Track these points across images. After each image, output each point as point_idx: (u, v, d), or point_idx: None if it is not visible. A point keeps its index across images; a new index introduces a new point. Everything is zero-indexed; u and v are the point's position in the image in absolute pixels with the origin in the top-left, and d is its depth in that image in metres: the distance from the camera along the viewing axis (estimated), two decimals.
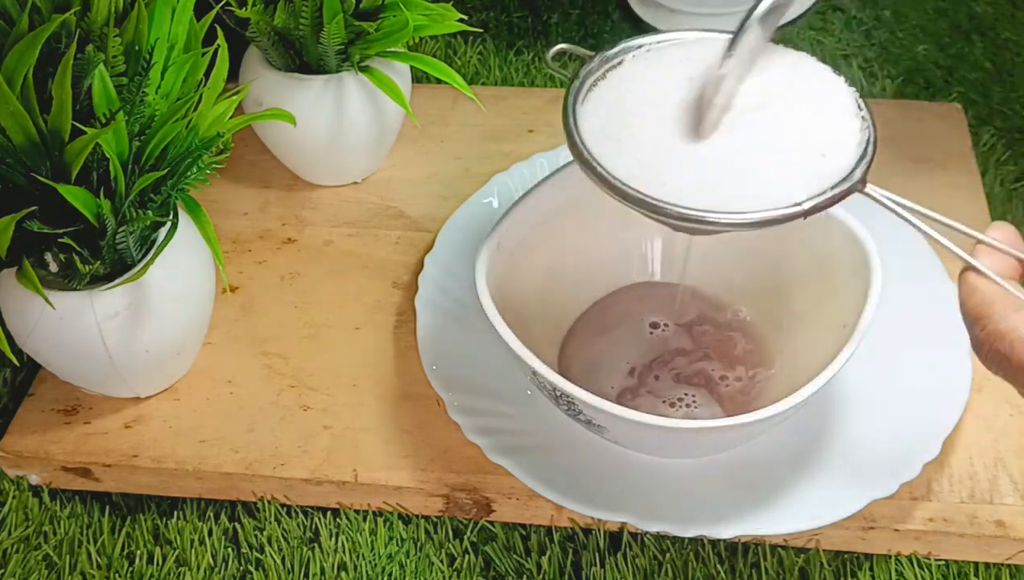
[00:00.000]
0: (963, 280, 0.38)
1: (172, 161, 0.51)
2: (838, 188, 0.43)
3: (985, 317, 0.36)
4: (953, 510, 0.53)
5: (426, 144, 0.74)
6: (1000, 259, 0.38)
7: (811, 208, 0.42)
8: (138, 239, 0.53)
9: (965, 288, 0.38)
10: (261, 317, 0.64)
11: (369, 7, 0.61)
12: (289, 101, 0.64)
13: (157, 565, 0.55)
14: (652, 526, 0.52)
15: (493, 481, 0.55)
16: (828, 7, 0.85)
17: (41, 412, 0.59)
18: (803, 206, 0.42)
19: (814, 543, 0.53)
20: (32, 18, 0.47)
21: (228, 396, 0.60)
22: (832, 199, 0.42)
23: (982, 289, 0.37)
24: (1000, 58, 0.80)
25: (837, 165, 0.43)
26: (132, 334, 0.54)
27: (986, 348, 0.36)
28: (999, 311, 0.36)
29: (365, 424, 0.58)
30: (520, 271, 0.57)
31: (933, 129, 0.72)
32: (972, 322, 0.37)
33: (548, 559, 0.53)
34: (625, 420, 0.48)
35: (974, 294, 0.37)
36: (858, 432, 0.55)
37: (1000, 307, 0.36)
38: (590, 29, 0.85)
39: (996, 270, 0.38)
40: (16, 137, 0.47)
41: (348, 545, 0.55)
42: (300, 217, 0.70)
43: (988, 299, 0.37)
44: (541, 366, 0.49)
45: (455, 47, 0.83)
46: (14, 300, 0.53)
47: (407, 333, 0.62)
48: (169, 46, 0.52)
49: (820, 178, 0.43)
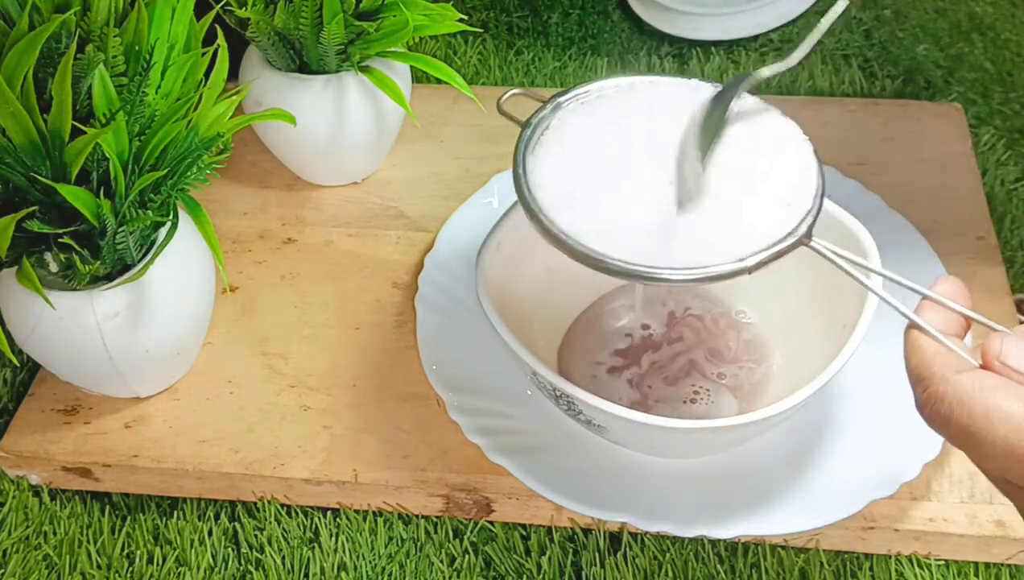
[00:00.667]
0: (907, 338, 0.37)
1: (172, 161, 0.51)
2: (783, 243, 0.42)
3: (926, 378, 0.35)
4: (953, 510, 0.53)
5: (426, 144, 0.74)
6: (945, 315, 0.37)
7: (755, 265, 0.42)
8: (138, 239, 0.53)
9: (908, 347, 0.37)
10: (261, 317, 0.64)
11: (369, 7, 0.61)
12: (289, 101, 0.64)
13: (157, 565, 0.55)
14: (652, 526, 0.52)
15: (493, 481, 0.55)
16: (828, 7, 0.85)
17: (41, 412, 0.59)
18: (746, 263, 0.42)
19: (814, 543, 0.53)
20: (32, 18, 0.47)
21: (228, 396, 0.60)
22: (775, 255, 0.42)
23: (923, 348, 0.36)
24: (1000, 58, 0.80)
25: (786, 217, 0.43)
26: (132, 334, 0.54)
27: (927, 410, 0.35)
28: (939, 372, 0.35)
29: (365, 424, 0.58)
30: (520, 271, 0.57)
31: (933, 129, 0.72)
32: (914, 382, 0.36)
33: (548, 559, 0.53)
34: (625, 420, 0.48)
35: (915, 353, 0.37)
36: (858, 432, 0.55)
37: (940, 368, 0.35)
38: (590, 29, 0.85)
39: (941, 327, 0.37)
40: (16, 137, 0.47)
41: (348, 545, 0.55)
42: (300, 217, 0.70)
43: (929, 359, 0.36)
44: (541, 366, 0.49)
45: (455, 47, 0.83)
46: (14, 300, 0.53)
47: (407, 333, 0.62)
48: (169, 46, 0.52)
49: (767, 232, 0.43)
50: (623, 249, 0.43)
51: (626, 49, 0.83)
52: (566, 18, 0.86)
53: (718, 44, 0.82)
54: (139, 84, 0.49)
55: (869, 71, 0.79)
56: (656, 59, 0.81)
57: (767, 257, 0.42)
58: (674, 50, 0.82)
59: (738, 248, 0.43)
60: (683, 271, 0.42)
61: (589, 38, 0.84)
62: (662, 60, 0.81)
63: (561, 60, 0.82)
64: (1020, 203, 0.69)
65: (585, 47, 0.83)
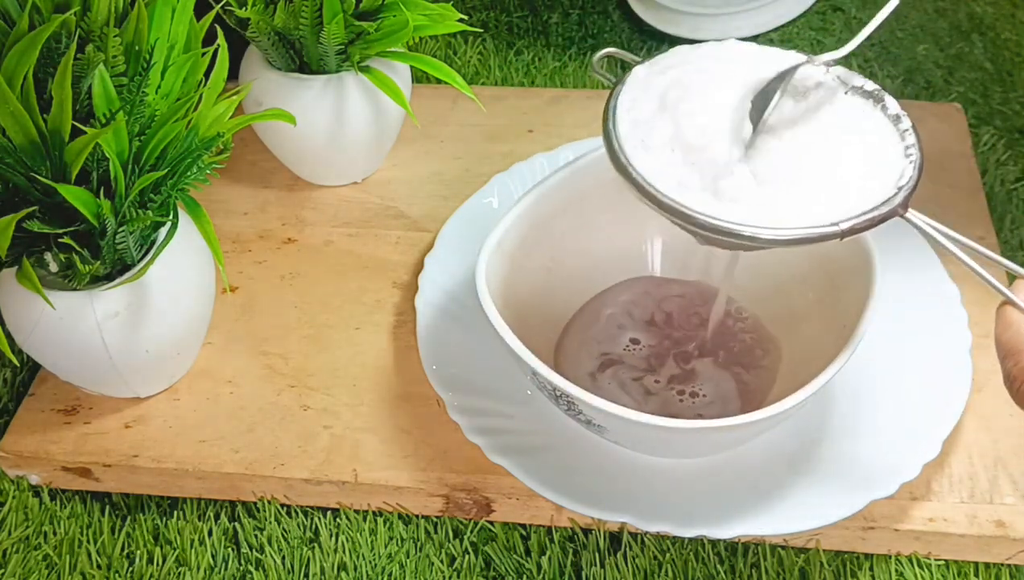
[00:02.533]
0: (999, 314, 0.38)
1: (172, 161, 0.51)
2: (877, 211, 0.42)
3: (1018, 352, 0.36)
4: (953, 510, 0.53)
5: (426, 144, 0.74)
6: None
7: (847, 229, 0.42)
8: (138, 239, 0.53)
9: (1001, 322, 0.37)
10: (261, 317, 0.64)
11: (369, 7, 0.61)
12: (289, 101, 0.64)
13: (157, 565, 0.55)
14: (652, 526, 0.52)
15: (493, 481, 0.55)
16: (828, 7, 0.85)
17: (41, 412, 0.59)
18: (840, 227, 0.42)
19: (814, 543, 0.53)
20: (32, 18, 0.47)
21: (228, 396, 0.60)
22: (869, 222, 0.42)
23: (1017, 324, 0.37)
24: (1000, 58, 0.80)
25: (881, 187, 0.43)
26: (132, 334, 0.54)
27: (1018, 383, 0.36)
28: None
29: (365, 424, 0.58)
30: (520, 271, 0.57)
31: (933, 129, 0.72)
32: (1005, 356, 0.37)
33: (548, 559, 0.53)
34: (625, 420, 0.48)
35: (1009, 329, 0.37)
36: (858, 432, 0.55)
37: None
38: (590, 29, 0.85)
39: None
40: (16, 137, 0.47)
41: (348, 545, 0.55)
42: (300, 217, 0.70)
43: (1021, 335, 0.36)
44: (541, 366, 0.49)
45: (455, 47, 0.83)
46: (14, 300, 0.53)
47: (407, 333, 0.62)
48: (169, 46, 0.52)
49: (861, 199, 0.43)
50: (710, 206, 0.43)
51: (626, 49, 0.83)
52: (566, 18, 0.86)
53: None
54: (139, 84, 0.49)
55: (869, 71, 0.79)
56: None
57: (860, 224, 0.42)
58: None
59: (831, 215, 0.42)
60: (774, 230, 0.42)
61: (589, 38, 0.84)
62: None
63: (561, 60, 0.82)
64: (1020, 203, 0.69)
65: (585, 47, 0.83)
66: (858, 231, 0.42)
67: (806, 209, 0.43)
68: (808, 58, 0.47)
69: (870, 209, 0.42)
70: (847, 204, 0.43)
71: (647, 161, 0.45)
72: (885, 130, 0.46)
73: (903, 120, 0.46)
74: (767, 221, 0.42)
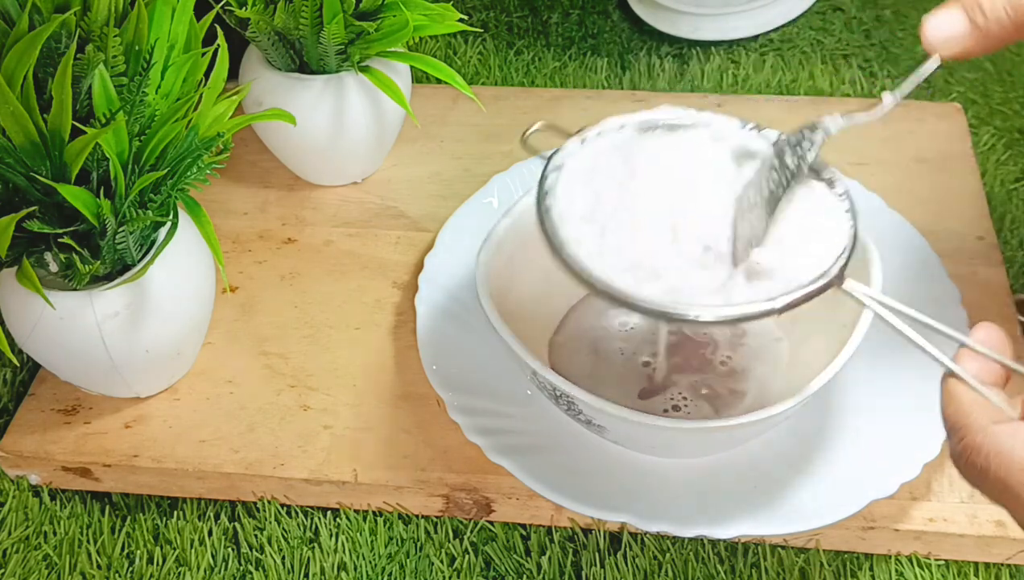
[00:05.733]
0: (944, 387, 0.36)
1: (172, 161, 0.51)
2: (813, 285, 0.42)
3: (963, 428, 0.35)
4: (953, 510, 0.53)
5: (426, 144, 0.74)
6: (983, 364, 0.36)
7: (783, 306, 0.42)
8: (138, 239, 0.53)
9: (945, 395, 0.36)
10: (261, 317, 0.64)
11: (369, 7, 0.61)
12: (289, 101, 0.64)
13: (157, 565, 0.55)
14: (652, 526, 0.52)
15: (493, 481, 0.55)
16: (828, 7, 0.85)
17: (41, 412, 0.59)
18: (775, 304, 0.42)
19: (814, 543, 0.53)
20: (32, 18, 0.47)
21: (228, 396, 0.60)
22: (806, 297, 0.42)
23: (960, 397, 0.36)
24: (1000, 58, 0.80)
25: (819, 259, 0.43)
26: (132, 334, 0.54)
27: (963, 461, 0.34)
28: (976, 422, 0.34)
29: (365, 424, 0.58)
30: (520, 271, 0.57)
31: (933, 129, 0.72)
32: (950, 432, 0.35)
33: (548, 559, 0.53)
34: (625, 420, 0.48)
35: (951, 402, 0.36)
36: (858, 432, 0.55)
37: (977, 417, 0.34)
38: (590, 29, 0.85)
39: (978, 376, 0.36)
40: (16, 137, 0.47)
41: (348, 545, 0.55)
42: (300, 217, 0.70)
43: (966, 409, 0.35)
44: (541, 366, 0.49)
45: (455, 47, 0.83)
46: (14, 300, 0.53)
47: (407, 333, 0.62)
48: (169, 46, 0.52)
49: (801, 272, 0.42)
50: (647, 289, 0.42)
51: (626, 49, 0.83)
52: (566, 18, 0.86)
53: (718, 44, 0.82)
54: (139, 84, 0.49)
55: (869, 71, 0.79)
56: (656, 59, 0.81)
57: (797, 299, 0.42)
58: (674, 50, 0.82)
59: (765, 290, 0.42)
60: (711, 310, 0.42)
61: (589, 38, 0.84)
62: (662, 60, 0.81)
63: (561, 60, 0.82)
64: (1020, 203, 0.69)
65: (585, 47, 0.83)
66: (795, 306, 0.42)
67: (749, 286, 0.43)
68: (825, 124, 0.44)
69: (807, 284, 0.42)
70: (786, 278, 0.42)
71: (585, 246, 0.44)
72: (821, 196, 0.45)
73: (837, 184, 0.45)
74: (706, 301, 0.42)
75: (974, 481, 0.34)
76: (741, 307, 0.42)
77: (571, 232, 0.44)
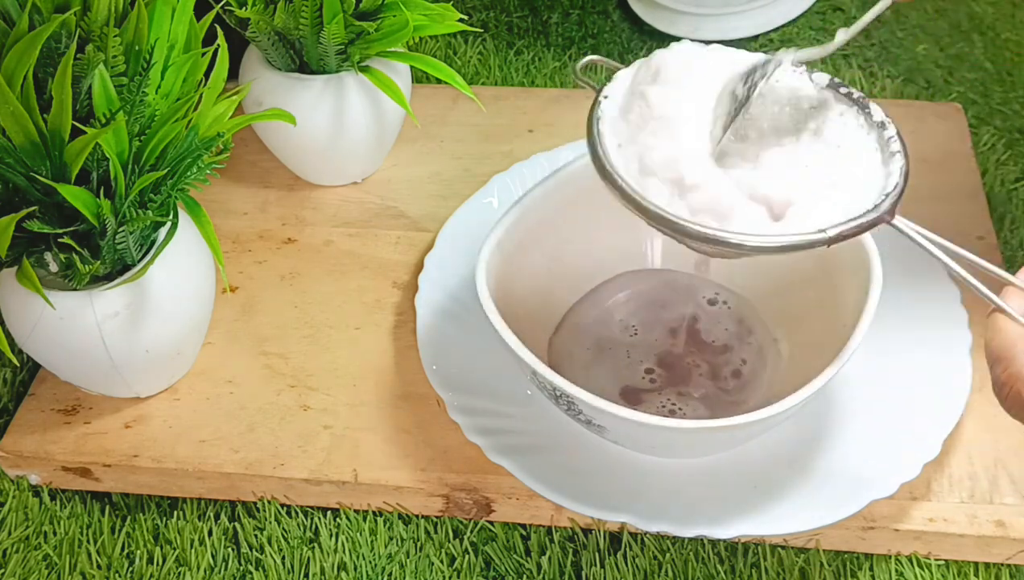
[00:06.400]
0: (990, 321, 0.37)
1: (172, 161, 0.51)
2: (864, 218, 0.42)
3: (1007, 358, 0.36)
4: (953, 510, 0.53)
5: (426, 144, 0.74)
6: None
7: (835, 236, 0.42)
8: (138, 239, 0.53)
9: (991, 328, 0.37)
10: (261, 317, 0.64)
11: (369, 7, 0.61)
12: (289, 101, 0.64)
13: (157, 565, 0.55)
14: (652, 526, 0.52)
15: (493, 481, 0.55)
16: (828, 7, 0.85)
17: (41, 412, 0.59)
18: (827, 234, 0.42)
19: (814, 543, 0.53)
20: (32, 18, 0.47)
21: (228, 396, 0.60)
22: (857, 229, 0.42)
23: (1006, 330, 0.36)
24: (1000, 58, 0.80)
25: (867, 194, 0.43)
26: (132, 334, 0.54)
27: (1007, 390, 0.35)
28: (1022, 353, 0.35)
29: (365, 424, 0.58)
30: (520, 271, 0.57)
31: (933, 129, 0.72)
32: (994, 362, 0.36)
33: (548, 559, 0.53)
34: (625, 420, 0.48)
35: (998, 335, 0.37)
36: (858, 432, 0.55)
37: (1022, 349, 0.35)
38: (590, 29, 0.85)
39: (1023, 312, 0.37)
40: (16, 137, 0.47)
41: (348, 545, 0.55)
42: (300, 217, 0.70)
43: (1011, 341, 0.36)
44: (541, 366, 0.49)
45: (455, 47, 0.83)
46: (14, 300, 0.53)
47: (407, 333, 0.62)
48: (169, 46, 0.52)
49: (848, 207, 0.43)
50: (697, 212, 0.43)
51: (626, 49, 0.83)
52: (566, 18, 0.86)
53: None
54: (139, 84, 0.49)
55: (869, 71, 0.79)
56: None
57: (848, 230, 0.42)
58: None
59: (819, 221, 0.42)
60: (760, 237, 0.42)
61: (589, 38, 0.84)
62: None
63: (561, 60, 0.82)
64: (1020, 203, 0.69)
65: (585, 47, 0.83)
66: (845, 238, 0.42)
67: (794, 216, 0.43)
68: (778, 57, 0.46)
69: (857, 216, 0.42)
70: (834, 212, 0.43)
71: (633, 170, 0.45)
72: (870, 137, 0.46)
73: (888, 127, 0.46)
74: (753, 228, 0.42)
75: (1018, 411, 0.35)
76: (791, 237, 0.42)
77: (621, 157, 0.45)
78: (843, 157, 0.45)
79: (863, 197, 0.43)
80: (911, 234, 0.41)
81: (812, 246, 0.42)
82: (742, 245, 0.42)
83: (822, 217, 0.43)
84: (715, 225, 0.43)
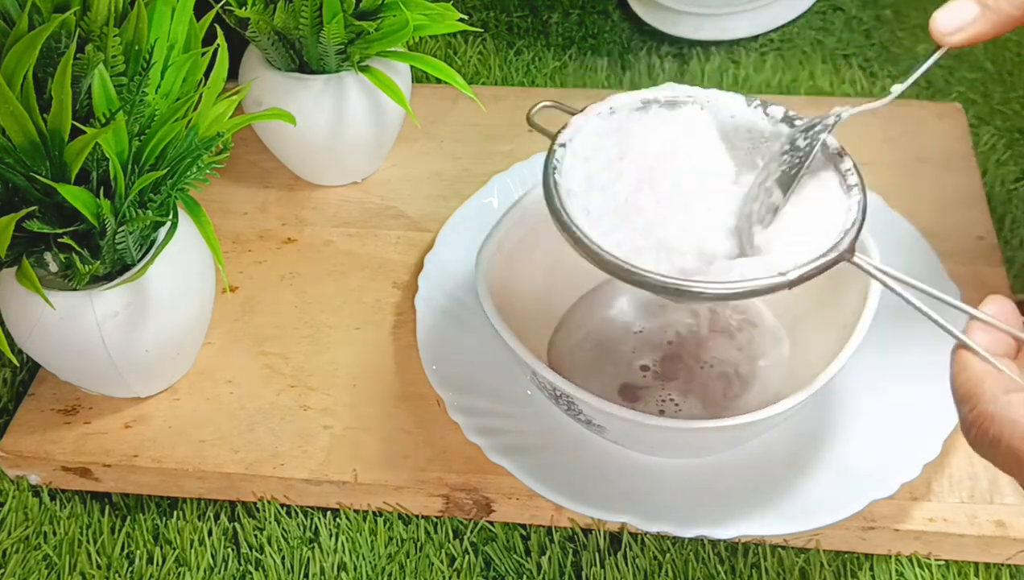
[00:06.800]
0: (954, 357, 0.37)
1: (172, 161, 0.51)
2: (825, 257, 0.42)
3: (974, 397, 0.35)
4: (953, 510, 0.53)
5: (426, 144, 0.74)
6: (994, 336, 0.37)
7: (796, 278, 0.42)
8: (138, 239, 0.53)
9: (956, 366, 0.36)
10: (261, 317, 0.64)
11: (369, 7, 0.61)
12: (289, 101, 0.64)
13: (157, 565, 0.55)
14: (652, 526, 0.52)
15: (493, 481, 0.55)
16: (828, 7, 0.85)
17: (41, 412, 0.59)
18: (788, 277, 0.42)
19: (814, 543, 0.53)
20: (32, 18, 0.47)
21: (228, 396, 0.60)
22: (817, 270, 0.42)
23: (972, 367, 0.36)
24: (1000, 58, 0.80)
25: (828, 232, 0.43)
26: (132, 334, 0.54)
27: (974, 430, 0.34)
28: (988, 391, 0.34)
29: (365, 424, 0.58)
30: (520, 271, 0.57)
31: (933, 129, 0.72)
32: (960, 402, 0.35)
33: (548, 559, 0.53)
34: (625, 420, 0.48)
35: (963, 372, 0.36)
36: (858, 432, 0.55)
37: (989, 387, 0.34)
38: (590, 29, 0.85)
39: (989, 347, 0.36)
40: (16, 137, 0.47)
41: (348, 545, 0.55)
42: (300, 217, 0.70)
43: (977, 378, 0.35)
44: (541, 366, 0.49)
45: (455, 47, 0.83)
46: (14, 300, 0.53)
47: (407, 333, 0.62)
48: (169, 46, 0.52)
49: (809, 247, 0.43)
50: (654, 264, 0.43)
51: (626, 49, 0.83)
52: (566, 18, 0.86)
53: (718, 44, 0.82)
54: (139, 84, 0.49)
55: (869, 71, 0.79)
56: (656, 59, 0.81)
57: (809, 271, 0.42)
58: (674, 50, 0.82)
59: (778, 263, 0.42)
60: (721, 285, 0.42)
61: (589, 38, 0.84)
62: (662, 60, 0.81)
63: (561, 60, 0.82)
64: (1020, 203, 0.69)
65: (585, 47, 0.83)
66: (806, 279, 0.42)
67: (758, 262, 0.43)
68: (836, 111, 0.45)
69: (818, 256, 0.42)
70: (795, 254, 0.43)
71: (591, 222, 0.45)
72: (828, 171, 0.45)
73: (844, 159, 0.46)
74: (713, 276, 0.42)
75: (985, 451, 0.34)
76: (751, 282, 0.42)
77: (578, 206, 0.45)
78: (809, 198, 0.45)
79: (824, 234, 0.43)
80: (871, 270, 0.41)
81: (774, 290, 0.42)
82: (702, 293, 0.42)
83: (784, 260, 0.43)
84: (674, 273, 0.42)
